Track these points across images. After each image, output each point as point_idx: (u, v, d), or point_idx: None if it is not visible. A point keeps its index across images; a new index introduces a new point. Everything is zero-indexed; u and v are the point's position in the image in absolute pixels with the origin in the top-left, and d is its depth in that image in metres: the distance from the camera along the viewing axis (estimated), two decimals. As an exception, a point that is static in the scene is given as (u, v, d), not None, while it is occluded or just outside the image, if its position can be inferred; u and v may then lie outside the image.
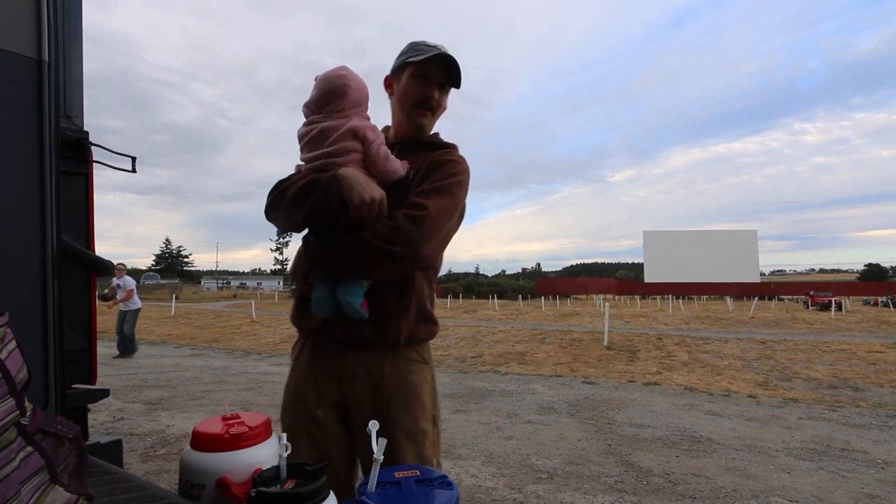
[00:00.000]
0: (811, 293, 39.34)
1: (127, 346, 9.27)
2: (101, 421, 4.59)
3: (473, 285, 61.88)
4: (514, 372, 8.16)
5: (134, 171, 2.03)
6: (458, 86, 1.36)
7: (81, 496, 0.82)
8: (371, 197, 1.11)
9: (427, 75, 1.32)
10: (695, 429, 4.60)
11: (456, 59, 1.31)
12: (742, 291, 54.66)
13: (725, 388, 6.91)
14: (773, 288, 62.86)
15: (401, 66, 1.35)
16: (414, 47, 1.34)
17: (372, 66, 1.41)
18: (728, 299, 39.30)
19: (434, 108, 1.35)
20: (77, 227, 1.90)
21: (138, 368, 7.96)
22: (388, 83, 1.41)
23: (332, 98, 1.27)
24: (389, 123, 1.45)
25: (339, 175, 1.14)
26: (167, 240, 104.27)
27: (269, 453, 1.02)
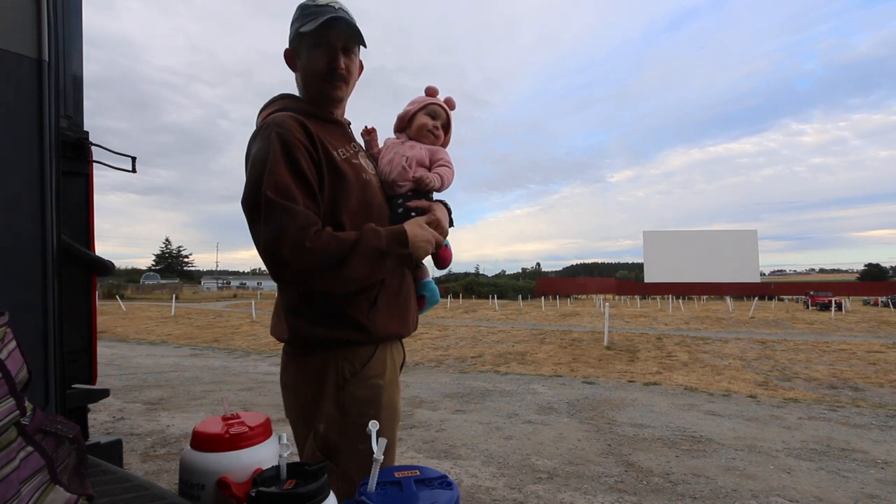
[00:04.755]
0: (811, 293, 39.28)
1: None
2: (101, 421, 4.59)
3: (473, 285, 61.82)
4: (514, 372, 8.16)
5: (134, 171, 2.03)
6: (363, 44, 1.26)
7: (81, 496, 0.82)
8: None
9: (327, 43, 1.20)
10: (695, 429, 4.59)
11: (349, 15, 1.20)
12: (742, 291, 54.61)
13: (725, 388, 6.91)
14: (772, 288, 62.82)
15: (296, 37, 1.22)
16: (304, 12, 1.21)
17: (374, 68, 1.36)
18: (728, 299, 39.26)
19: (346, 77, 1.25)
20: (77, 227, 1.89)
21: (138, 368, 7.96)
22: (289, 57, 1.28)
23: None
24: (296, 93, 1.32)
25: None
26: (167, 240, 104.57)
27: (269, 453, 1.02)
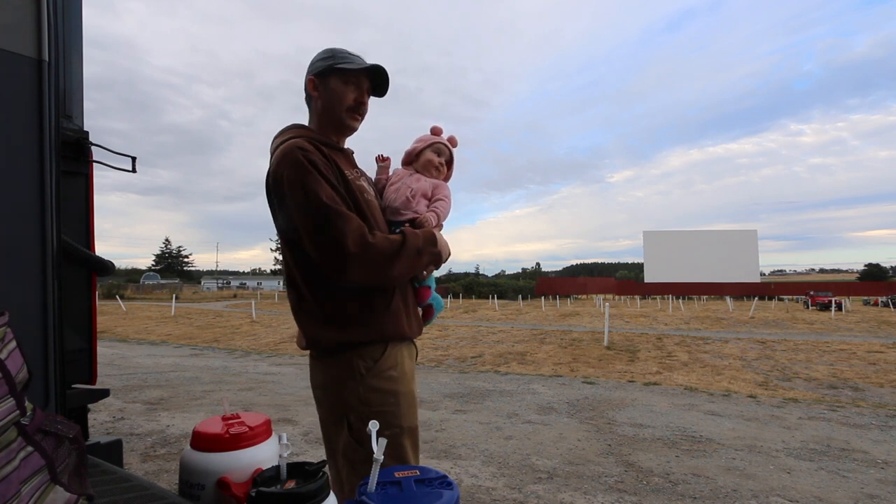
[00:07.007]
0: (811, 293, 39.24)
1: None
2: (101, 421, 4.59)
3: (473, 285, 61.79)
4: (514, 372, 8.16)
5: (134, 171, 2.03)
6: (381, 95, 1.46)
7: (81, 496, 0.82)
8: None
9: (358, 83, 1.40)
10: (695, 429, 4.59)
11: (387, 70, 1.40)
12: (742, 291, 54.60)
13: (725, 388, 6.91)
14: (773, 288, 62.79)
15: (326, 71, 1.38)
16: (338, 55, 1.39)
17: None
18: (728, 299, 39.26)
19: (364, 113, 1.44)
20: (77, 227, 1.89)
21: (138, 368, 7.96)
22: (312, 84, 1.41)
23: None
24: (306, 123, 1.46)
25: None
26: (167, 240, 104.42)
27: (269, 453, 1.02)
